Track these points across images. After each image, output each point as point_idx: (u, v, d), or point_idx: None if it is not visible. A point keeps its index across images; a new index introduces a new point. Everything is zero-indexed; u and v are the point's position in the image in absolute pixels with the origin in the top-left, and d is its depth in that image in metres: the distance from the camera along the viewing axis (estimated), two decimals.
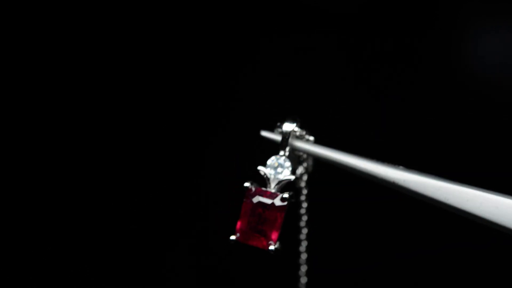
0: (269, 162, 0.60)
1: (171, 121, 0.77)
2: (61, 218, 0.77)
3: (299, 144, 0.60)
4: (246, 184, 0.59)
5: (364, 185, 0.65)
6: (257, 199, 0.58)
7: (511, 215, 0.53)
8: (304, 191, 0.64)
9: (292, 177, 0.58)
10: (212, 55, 0.77)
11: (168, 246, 0.78)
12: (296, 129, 0.60)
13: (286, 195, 0.57)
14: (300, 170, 0.63)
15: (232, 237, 0.58)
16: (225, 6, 0.77)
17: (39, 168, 0.78)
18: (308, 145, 0.59)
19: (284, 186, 0.59)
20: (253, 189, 0.59)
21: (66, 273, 0.76)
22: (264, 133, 0.61)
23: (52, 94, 0.78)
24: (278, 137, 0.60)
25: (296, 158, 0.62)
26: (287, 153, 0.59)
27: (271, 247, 0.57)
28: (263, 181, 0.59)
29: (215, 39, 0.77)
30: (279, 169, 0.59)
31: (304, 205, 0.64)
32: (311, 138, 0.60)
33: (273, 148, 0.60)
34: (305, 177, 0.64)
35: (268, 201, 0.58)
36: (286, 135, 0.59)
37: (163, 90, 0.78)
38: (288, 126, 0.59)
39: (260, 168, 0.60)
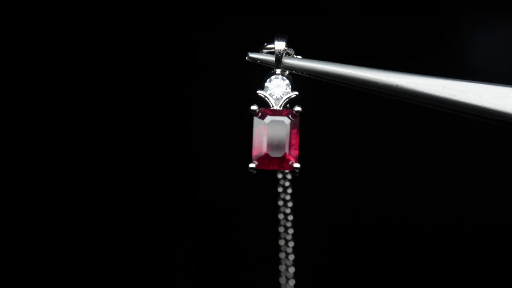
0: (267, 83, 0.58)
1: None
2: (61, 218, 0.75)
3: (293, 61, 0.58)
4: (253, 108, 0.56)
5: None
6: (269, 119, 0.56)
7: None
8: None
9: (296, 93, 0.57)
10: None
11: (169, 245, 0.76)
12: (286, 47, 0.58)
13: (298, 108, 0.56)
14: None
15: (252, 165, 0.55)
16: None
17: (39, 168, 0.74)
18: (302, 62, 0.58)
19: (288, 103, 0.57)
20: (260, 112, 0.56)
21: (66, 273, 0.74)
22: (252, 55, 0.58)
23: (48, 94, 0.75)
24: (267, 57, 0.58)
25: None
26: (284, 72, 0.58)
27: (296, 165, 0.55)
28: (266, 105, 0.57)
29: None
30: (280, 88, 0.57)
31: None
32: (299, 56, 0.59)
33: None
34: None
35: (281, 118, 0.56)
36: (279, 53, 0.57)
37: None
38: (279, 44, 0.57)
39: (260, 91, 0.57)
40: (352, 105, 0.69)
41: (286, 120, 0.56)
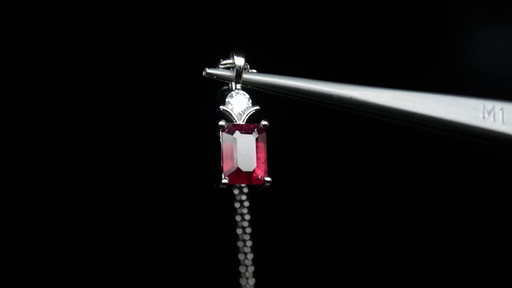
0: (228, 99, 0.57)
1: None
2: (60, 218, 0.70)
3: (250, 76, 0.58)
4: (221, 123, 0.56)
5: None
6: (237, 134, 0.56)
7: (464, 112, 0.61)
8: None
9: (257, 107, 0.57)
10: None
11: (166, 244, 0.71)
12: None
13: (265, 122, 0.56)
14: None
15: (224, 180, 0.55)
16: None
17: (37, 169, 0.69)
18: (259, 76, 0.58)
19: (251, 117, 0.57)
20: (228, 128, 0.56)
21: (66, 273, 0.69)
22: (210, 70, 0.57)
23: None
24: (224, 73, 0.58)
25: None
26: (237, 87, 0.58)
27: (267, 179, 0.55)
28: (229, 121, 0.57)
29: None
30: (241, 104, 0.57)
31: None
32: (254, 70, 0.59)
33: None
34: None
35: (249, 133, 0.56)
36: (240, 68, 0.57)
37: None
38: (239, 60, 0.58)
39: (222, 107, 0.57)
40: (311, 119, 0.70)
41: (254, 135, 0.56)
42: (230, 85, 0.58)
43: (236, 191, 0.61)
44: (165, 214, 0.70)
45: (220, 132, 0.55)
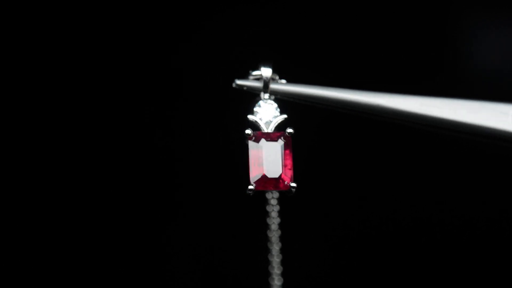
0: (256, 108, 0.60)
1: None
2: (62, 219, 0.72)
3: (278, 86, 0.60)
4: (248, 131, 0.58)
5: None
6: (263, 142, 0.58)
7: (493, 117, 0.61)
8: None
9: (285, 116, 0.59)
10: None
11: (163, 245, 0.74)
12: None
13: (290, 130, 0.58)
14: None
15: (251, 187, 0.57)
16: None
17: (33, 169, 0.72)
18: (287, 86, 0.60)
19: (279, 126, 0.59)
20: (254, 136, 0.58)
21: (64, 273, 0.72)
22: (239, 82, 0.60)
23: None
24: (253, 84, 0.60)
25: None
26: (270, 97, 0.60)
27: (293, 184, 0.57)
28: (256, 129, 0.59)
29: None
30: (268, 112, 0.60)
31: None
32: (283, 81, 0.61)
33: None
34: None
35: (275, 140, 0.58)
36: (267, 79, 0.59)
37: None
38: (266, 71, 0.60)
39: (250, 116, 0.59)
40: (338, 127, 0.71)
41: (280, 142, 0.58)
42: (260, 95, 0.60)
43: (268, 195, 0.63)
44: (175, 216, 0.71)
45: (248, 140, 0.58)
